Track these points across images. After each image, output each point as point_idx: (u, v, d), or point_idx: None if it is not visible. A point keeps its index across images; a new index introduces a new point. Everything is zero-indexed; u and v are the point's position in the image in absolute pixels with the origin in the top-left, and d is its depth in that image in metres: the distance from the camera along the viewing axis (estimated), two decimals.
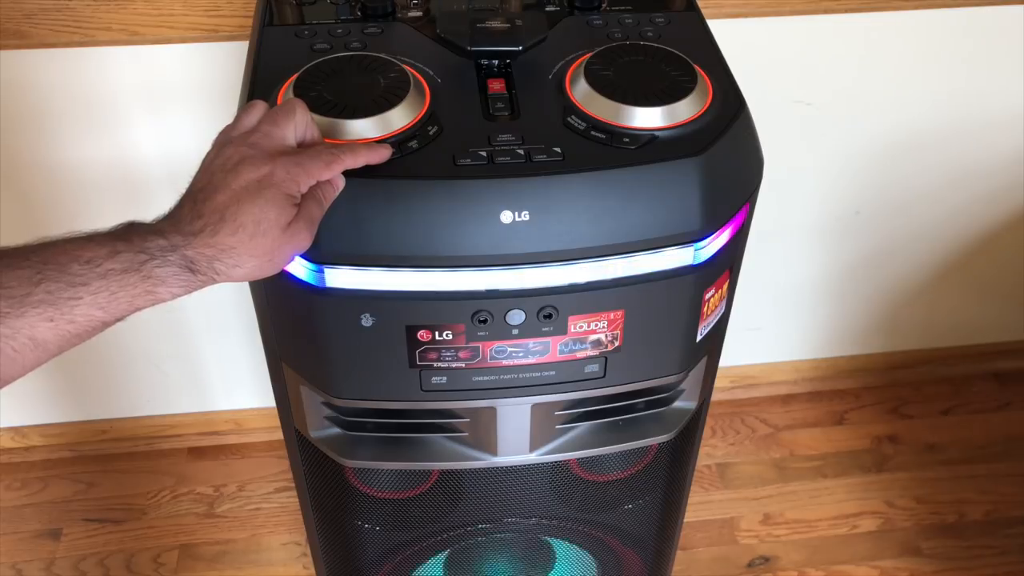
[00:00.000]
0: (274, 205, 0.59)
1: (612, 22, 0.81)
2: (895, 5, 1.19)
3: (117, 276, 0.55)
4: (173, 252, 0.57)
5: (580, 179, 0.66)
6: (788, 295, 1.55)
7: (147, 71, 1.14)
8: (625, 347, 0.74)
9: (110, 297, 0.55)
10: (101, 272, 0.54)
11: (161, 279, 0.56)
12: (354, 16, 0.81)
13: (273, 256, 0.60)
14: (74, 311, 0.54)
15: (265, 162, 0.60)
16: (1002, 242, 1.53)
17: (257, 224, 0.59)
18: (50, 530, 1.45)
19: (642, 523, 1.01)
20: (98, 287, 0.54)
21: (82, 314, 0.54)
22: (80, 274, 0.54)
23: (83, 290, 0.54)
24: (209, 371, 1.50)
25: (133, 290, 0.55)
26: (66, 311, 0.53)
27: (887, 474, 1.55)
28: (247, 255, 0.59)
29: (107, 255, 0.55)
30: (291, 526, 1.46)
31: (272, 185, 0.59)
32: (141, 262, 0.56)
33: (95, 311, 0.55)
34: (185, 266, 0.57)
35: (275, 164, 0.60)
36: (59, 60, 1.11)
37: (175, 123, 1.18)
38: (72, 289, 0.54)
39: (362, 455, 0.84)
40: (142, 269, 0.55)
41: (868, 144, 1.35)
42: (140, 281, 0.55)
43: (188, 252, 0.57)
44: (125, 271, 0.55)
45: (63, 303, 0.53)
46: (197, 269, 0.58)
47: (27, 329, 0.53)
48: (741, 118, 0.72)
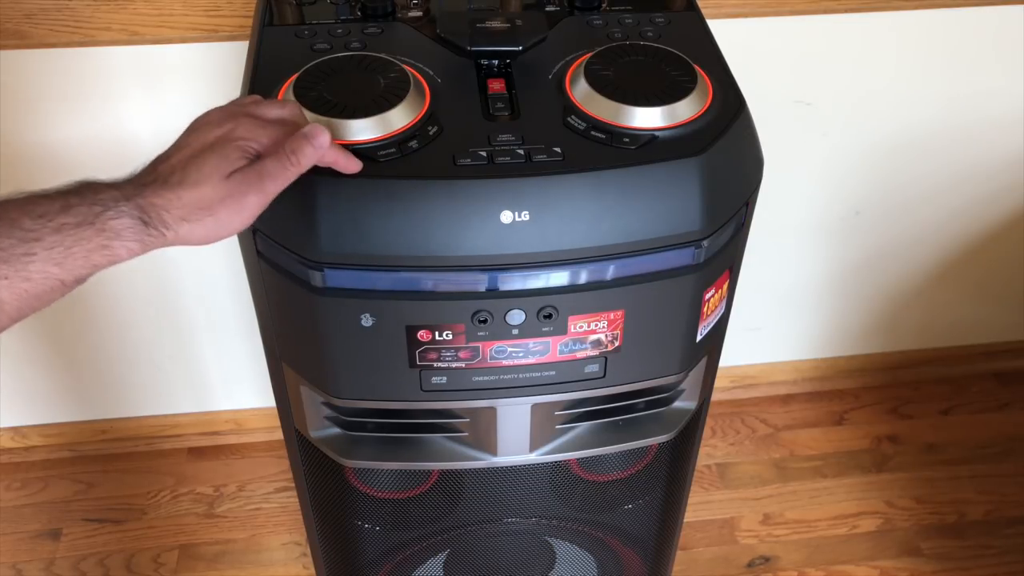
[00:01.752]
0: (219, 154, 0.59)
1: (612, 22, 0.81)
2: (895, 5, 1.19)
3: (71, 230, 0.54)
4: (126, 202, 0.56)
5: (580, 179, 0.66)
6: (788, 295, 1.55)
7: (147, 71, 1.14)
8: (625, 347, 0.74)
9: (65, 252, 0.53)
10: (55, 226, 0.53)
11: (116, 232, 0.55)
12: (354, 16, 0.81)
13: (214, 209, 0.58)
14: (29, 267, 0.52)
15: (227, 120, 0.60)
16: (1002, 242, 1.53)
17: (199, 170, 0.58)
18: (50, 530, 1.45)
19: (642, 523, 1.01)
20: (52, 242, 0.53)
21: (38, 271, 0.53)
22: (33, 229, 0.53)
23: (37, 245, 0.53)
24: (209, 371, 1.50)
25: (88, 244, 0.54)
26: (20, 268, 0.52)
27: (887, 474, 1.55)
28: (191, 207, 0.57)
29: (60, 209, 0.54)
30: (291, 526, 1.46)
31: (228, 140, 0.59)
32: (95, 214, 0.54)
33: (51, 267, 0.53)
34: (138, 217, 0.56)
35: (237, 122, 0.60)
36: (59, 60, 1.11)
37: (175, 123, 1.18)
38: (25, 245, 0.52)
39: (362, 455, 0.84)
40: (96, 221, 0.54)
41: (868, 144, 1.35)
42: (95, 234, 0.54)
43: (140, 201, 0.56)
44: (79, 224, 0.54)
45: (16, 260, 0.52)
46: (149, 222, 0.56)
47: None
48: (741, 118, 0.72)
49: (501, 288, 0.68)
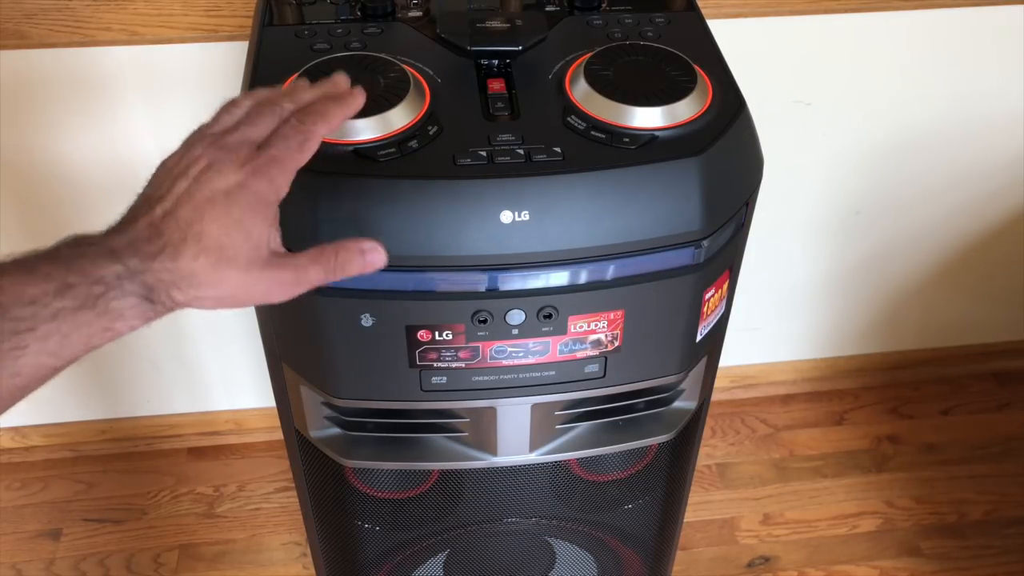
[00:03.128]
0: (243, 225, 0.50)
1: (612, 22, 0.81)
2: (895, 5, 1.19)
3: (70, 316, 0.45)
4: (131, 280, 0.47)
5: (580, 179, 0.66)
6: (788, 295, 1.55)
7: (147, 71, 1.14)
8: (625, 347, 0.74)
9: (62, 341, 0.45)
10: (50, 313, 0.45)
11: (119, 313, 0.47)
12: (354, 16, 0.81)
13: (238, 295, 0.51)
14: (19, 363, 0.44)
15: (235, 168, 0.51)
16: (1002, 242, 1.53)
17: (222, 250, 0.49)
18: (50, 530, 1.45)
19: (642, 523, 1.01)
20: (47, 331, 0.45)
21: (29, 364, 0.45)
22: (25, 318, 0.44)
23: (29, 337, 0.44)
24: (209, 371, 1.50)
25: (88, 329, 0.46)
26: (9, 364, 0.44)
27: (887, 474, 1.55)
28: (209, 285, 0.49)
29: (56, 291, 0.45)
30: (291, 526, 1.46)
31: (245, 196, 0.50)
32: (97, 296, 0.46)
33: (45, 358, 0.45)
34: (144, 296, 0.48)
35: (246, 169, 0.51)
36: (59, 60, 1.11)
37: (175, 123, 1.18)
38: (16, 338, 0.44)
39: (362, 455, 0.84)
40: (97, 304, 0.46)
41: (868, 144, 1.35)
42: (96, 318, 0.46)
43: (147, 278, 0.48)
44: (79, 308, 0.46)
45: (5, 355, 0.44)
46: (156, 299, 0.49)
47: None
48: (741, 118, 0.72)
49: (501, 288, 0.68)
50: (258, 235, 0.51)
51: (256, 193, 0.51)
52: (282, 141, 0.53)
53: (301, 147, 0.53)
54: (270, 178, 0.51)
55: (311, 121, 0.54)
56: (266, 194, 0.51)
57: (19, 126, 1.17)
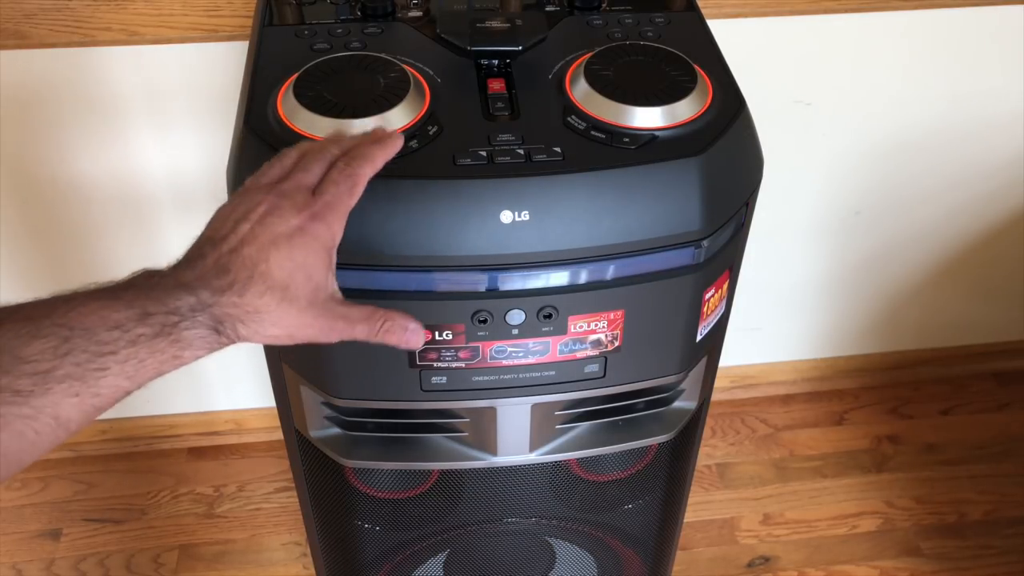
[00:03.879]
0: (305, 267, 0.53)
1: (612, 22, 0.81)
2: (895, 5, 1.19)
3: (147, 342, 0.49)
4: (203, 312, 0.51)
5: (580, 179, 0.66)
6: (788, 295, 1.55)
7: (147, 71, 1.14)
8: (625, 347, 0.74)
9: (138, 365, 0.49)
10: (131, 338, 0.49)
11: (189, 342, 0.51)
12: (354, 16, 0.81)
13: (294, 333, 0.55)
14: (100, 383, 0.48)
15: (295, 213, 0.54)
16: (1002, 242, 1.53)
17: (285, 289, 0.53)
18: (50, 530, 1.45)
19: (642, 523, 1.01)
20: (127, 355, 0.49)
21: (108, 385, 0.49)
22: (108, 342, 0.48)
23: (111, 359, 0.48)
24: (209, 371, 1.50)
25: (161, 356, 0.50)
26: (92, 384, 0.48)
27: (887, 474, 1.55)
28: (270, 322, 0.53)
29: (137, 318, 0.49)
30: (291, 526, 1.46)
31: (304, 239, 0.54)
32: (172, 324, 0.50)
33: (122, 381, 0.49)
34: (212, 327, 0.52)
35: (304, 215, 0.55)
36: (59, 60, 1.11)
37: (175, 123, 1.18)
38: (100, 359, 0.48)
39: (362, 455, 0.84)
40: (172, 332, 0.50)
41: (868, 144, 1.35)
42: (169, 346, 0.50)
43: (216, 311, 0.52)
44: (155, 336, 0.50)
45: (89, 375, 0.47)
46: (222, 331, 0.52)
47: (51, 408, 0.46)
48: (741, 118, 0.72)
49: (501, 288, 0.68)
50: (318, 277, 0.55)
51: (315, 237, 0.54)
52: (333, 186, 0.57)
53: (351, 191, 0.57)
54: (327, 223, 0.55)
55: (357, 164, 0.58)
56: (324, 238, 0.55)
57: (19, 126, 1.17)
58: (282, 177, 0.58)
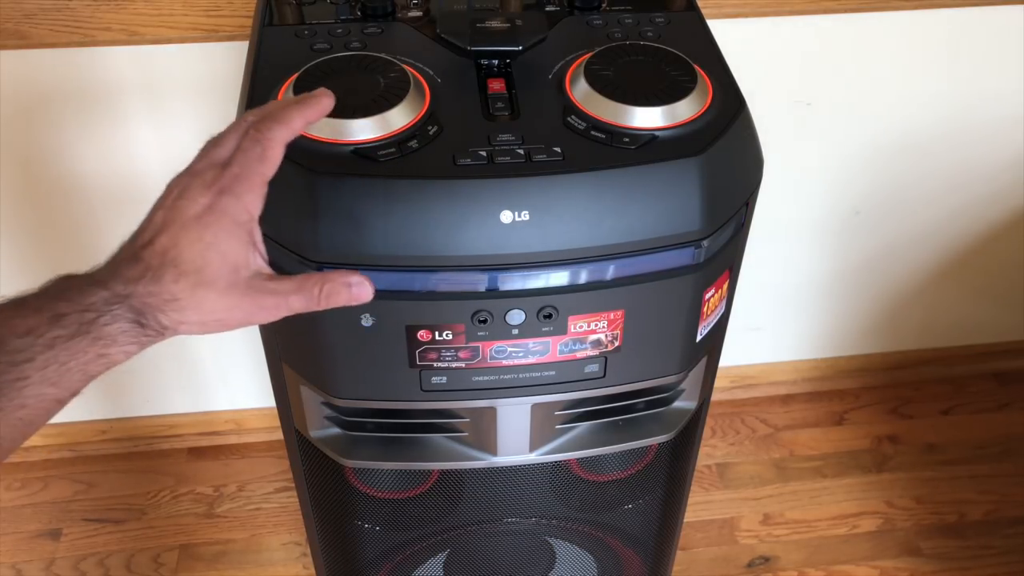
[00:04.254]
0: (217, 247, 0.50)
1: (612, 22, 0.81)
2: (895, 5, 1.19)
3: (64, 343, 0.47)
4: (120, 304, 0.49)
5: (580, 179, 0.66)
6: (788, 295, 1.55)
7: (147, 71, 1.14)
8: (625, 347, 0.74)
9: (60, 369, 0.47)
10: (46, 342, 0.47)
11: (112, 338, 0.49)
12: (354, 16, 0.81)
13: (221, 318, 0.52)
14: (23, 393, 0.46)
15: (202, 191, 0.51)
16: (1002, 242, 1.53)
17: (199, 272, 0.50)
18: (50, 530, 1.45)
19: (642, 523, 1.01)
20: (45, 360, 0.47)
21: (33, 395, 0.46)
22: (23, 349, 0.46)
23: (29, 367, 0.46)
24: (209, 371, 1.50)
25: (84, 356, 0.48)
26: (14, 396, 0.46)
27: (887, 474, 1.55)
28: (191, 309, 0.51)
29: (49, 321, 0.47)
30: (291, 526, 1.46)
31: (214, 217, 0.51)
32: (89, 321, 0.48)
33: (47, 388, 0.47)
34: (133, 319, 0.49)
35: (212, 190, 0.51)
36: (59, 60, 1.11)
37: (175, 123, 1.18)
38: (16, 369, 0.46)
39: (362, 455, 0.84)
40: (91, 330, 0.48)
41: (868, 144, 1.35)
42: (90, 344, 0.48)
43: (134, 303, 0.49)
44: (73, 336, 0.47)
45: (8, 387, 0.45)
46: (145, 322, 0.50)
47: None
48: (741, 118, 0.72)
49: (501, 288, 0.68)
50: (234, 256, 0.52)
51: (225, 213, 0.51)
52: (242, 155, 0.53)
53: (261, 157, 0.53)
54: (236, 195, 0.51)
55: (266, 128, 0.53)
56: (236, 213, 0.51)
57: (19, 126, 1.17)
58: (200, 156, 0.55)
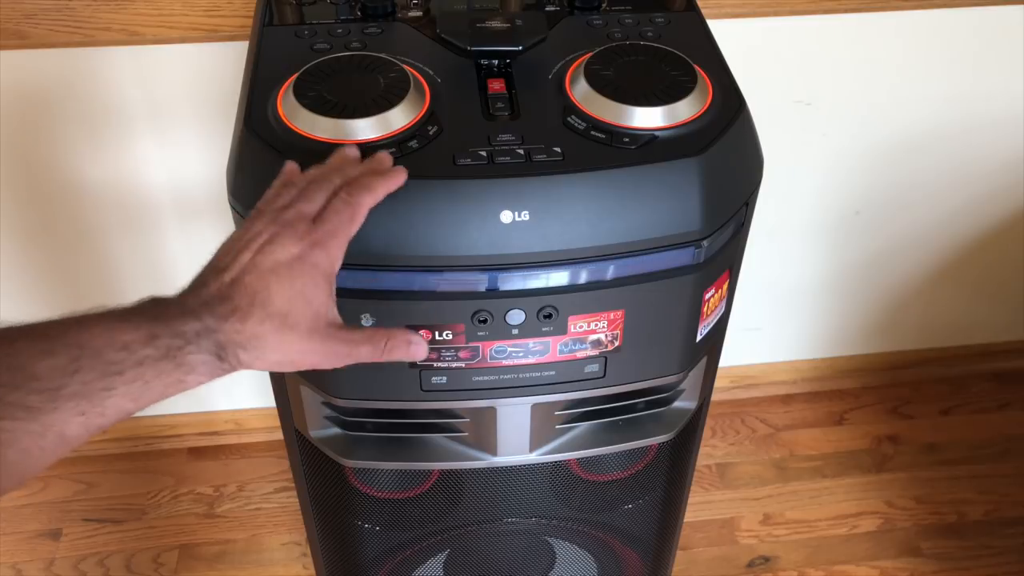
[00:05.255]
0: (304, 294, 0.55)
1: (612, 22, 0.81)
2: (895, 5, 1.19)
3: (153, 363, 0.50)
4: (207, 337, 0.52)
5: (580, 179, 0.66)
6: (788, 295, 1.55)
7: (147, 71, 1.14)
8: (625, 347, 0.74)
9: (143, 387, 0.50)
10: (138, 359, 0.50)
11: (192, 366, 0.52)
12: (354, 16, 0.81)
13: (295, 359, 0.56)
14: (105, 403, 0.49)
15: (295, 242, 0.55)
16: (1002, 242, 1.53)
17: (286, 316, 0.54)
18: (50, 530, 1.45)
19: (642, 523, 1.01)
20: (133, 376, 0.49)
21: (113, 406, 0.49)
22: (116, 361, 0.49)
23: (118, 380, 0.49)
24: None
25: (167, 378, 0.51)
26: (98, 403, 0.48)
27: (887, 474, 1.55)
28: (272, 348, 0.54)
29: (144, 339, 0.50)
30: (291, 526, 1.46)
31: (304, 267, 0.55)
32: (178, 348, 0.51)
33: (127, 403, 0.50)
34: (215, 353, 0.53)
35: (304, 243, 0.56)
36: (59, 60, 1.11)
37: (175, 123, 1.18)
38: (107, 379, 0.48)
39: (362, 455, 0.84)
40: (178, 356, 0.51)
41: (868, 144, 1.35)
42: (174, 369, 0.51)
43: (220, 337, 0.53)
44: (161, 358, 0.50)
45: (96, 394, 0.48)
46: (225, 357, 0.53)
47: (59, 425, 0.47)
48: (741, 118, 0.72)
49: (501, 288, 0.68)
50: (318, 304, 0.56)
51: (315, 265, 0.55)
52: (335, 215, 0.58)
53: (352, 219, 0.58)
54: (327, 250, 0.56)
55: (358, 194, 0.59)
56: (324, 266, 0.56)
57: (19, 126, 1.17)
58: (286, 206, 0.58)
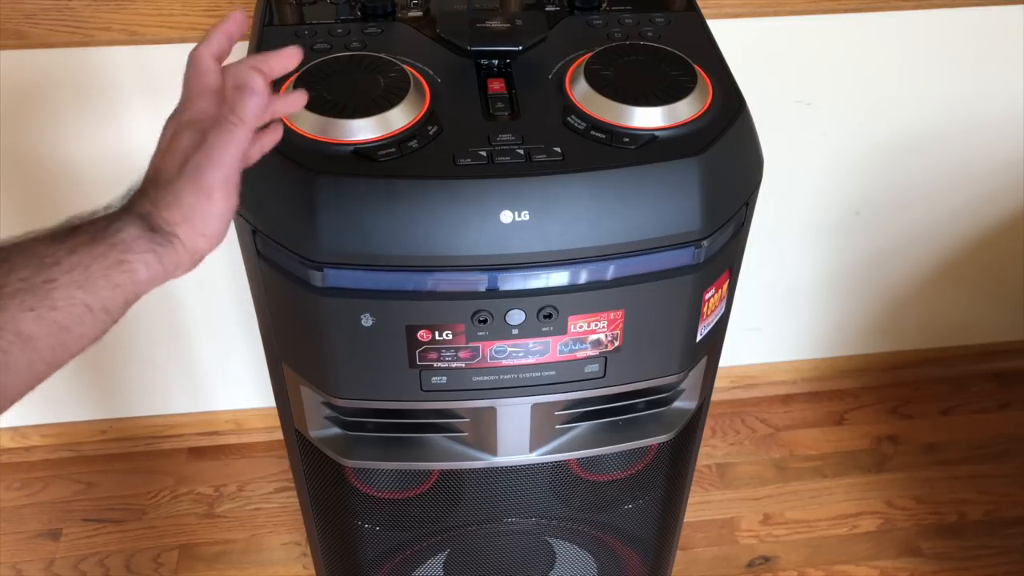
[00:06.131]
0: (174, 148, 0.59)
1: (612, 22, 0.81)
2: (895, 5, 1.19)
3: (85, 247, 0.53)
4: (127, 214, 0.55)
5: (580, 179, 0.66)
6: (788, 295, 1.55)
7: (147, 71, 1.14)
8: (625, 347, 0.74)
9: (85, 272, 0.52)
10: (69, 247, 0.52)
11: (127, 244, 0.54)
12: (354, 16, 0.81)
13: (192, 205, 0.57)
14: (53, 295, 0.51)
15: (184, 117, 0.62)
16: (1002, 242, 1.53)
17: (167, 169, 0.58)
18: (50, 530, 1.45)
19: (642, 523, 1.01)
20: (70, 263, 0.52)
21: (62, 297, 0.51)
22: (48, 254, 0.52)
23: (56, 270, 0.51)
24: (209, 371, 1.50)
25: (105, 261, 0.53)
26: (44, 296, 0.51)
27: (887, 474, 1.55)
28: (180, 206, 0.57)
29: (69, 231, 0.53)
30: (291, 526, 1.46)
31: (181, 127, 0.60)
32: (102, 228, 0.54)
33: (75, 291, 0.52)
34: (143, 226, 0.55)
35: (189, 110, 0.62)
36: (59, 60, 1.11)
37: None
38: (45, 271, 0.51)
39: (362, 455, 0.84)
40: (105, 236, 0.53)
41: (868, 144, 1.35)
42: (108, 249, 0.53)
43: (139, 210, 0.56)
44: (91, 241, 0.53)
45: (39, 288, 0.50)
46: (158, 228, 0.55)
47: (10, 323, 0.49)
48: (741, 118, 0.72)
49: (501, 288, 0.68)
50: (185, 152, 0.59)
51: (189, 124, 0.61)
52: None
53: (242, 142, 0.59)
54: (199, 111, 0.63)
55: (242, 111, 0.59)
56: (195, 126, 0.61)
57: (19, 126, 1.17)
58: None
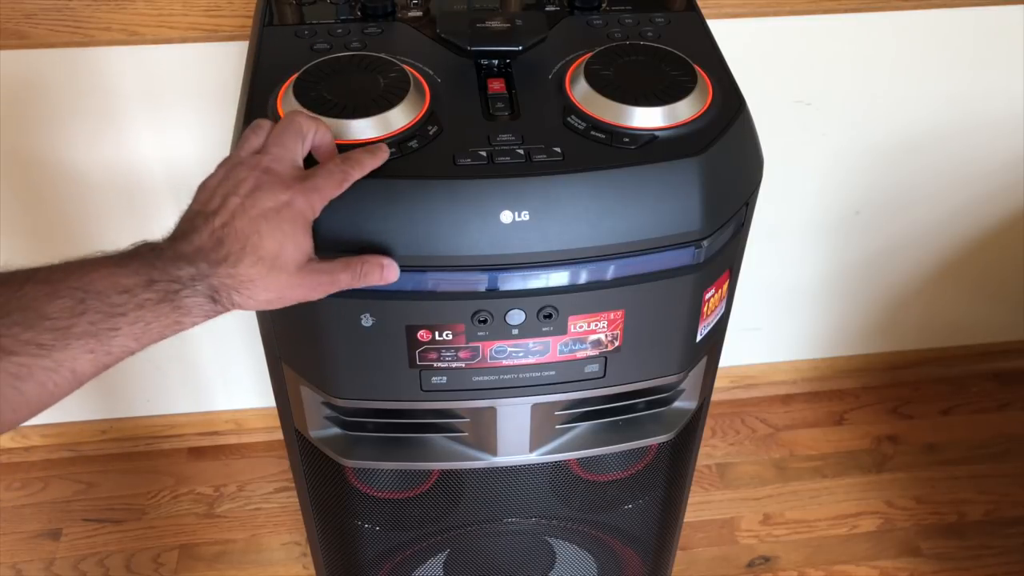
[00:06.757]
0: (292, 238, 0.59)
1: (612, 22, 0.81)
2: (895, 5, 1.19)
3: (152, 306, 0.55)
4: (202, 281, 0.57)
5: (580, 179, 0.66)
6: (788, 295, 1.55)
7: (147, 71, 1.14)
8: (625, 347, 0.74)
9: (144, 328, 0.55)
10: (138, 302, 0.54)
11: (188, 309, 0.56)
12: (354, 16, 0.81)
13: (284, 295, 0.60)
14: (112, 342, 0.53)
15: (282, 189, 0.59)
16: (1002, 242, 1.53)
17: (275, 259, 0.58)
18: (50, 530, 1.45)
19: (642, 523, 1.01)
20: (135, 318, 0.54)
21: (119, 345, 0.54)
22: (119, 304, 0.54)
23: (122, 321, 0.54)
24: (209, 371, 1.50)
25: (165, 320, 0.55)
26: (105, 342, 0.53)
27: (887, 474, 1.55)
28: (262, 288, 0.59)
29: (143, 284, 0.55)
30: (291, 526, 1.46)
31: (291, 213, 0.59)
32: (174, 292, 0.56)
33: (130, 342, 0.54)
34: (209, 295, 0.57)
35: (292, 191, 0.60)
36: (59, 60, 1.11)
37: (175, 123, 1.18)
38: (112, 320, 0.53)
39: (362, 455, 0.84)
40: (175, 299, 0.55)
41: (868, 144, 1.36)
42: (171, 311, 0.56)
43: (213, 282, 0.57)
44: (160, 301, 0.55)
45: (103, 334, 0.53)
46: (218, 299, 0.58)
47: (70, 362, 0.52)
48: (741, 118, 0.72)
49: (501, 288, 0.68)
50: (304, 245, 0.60)
51: (300, 212, 0.60)
52: (327, 175, 0.62)
53: (340, 184, 0.62)
54: (311, 203, 0.60)
55: (350, 166, 0.63)
56: (307, 215, 0.61)
57: (19, 126, 1.17)
58: (260, 149, 0.62)
